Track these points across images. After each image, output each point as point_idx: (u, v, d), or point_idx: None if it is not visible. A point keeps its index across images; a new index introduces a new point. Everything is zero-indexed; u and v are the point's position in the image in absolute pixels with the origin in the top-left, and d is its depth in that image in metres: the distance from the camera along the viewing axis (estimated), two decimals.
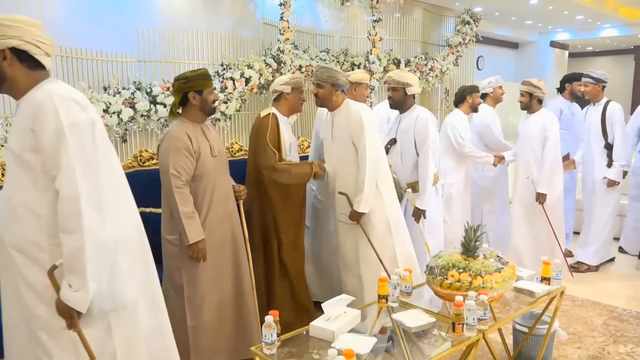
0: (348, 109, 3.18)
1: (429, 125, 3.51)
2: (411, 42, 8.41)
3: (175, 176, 2.61)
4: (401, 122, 3.65)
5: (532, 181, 4.23)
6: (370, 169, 3.03)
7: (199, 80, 2.73)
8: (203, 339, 2.74)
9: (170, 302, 2.77)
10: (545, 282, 2.66)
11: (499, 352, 3.02)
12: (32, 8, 4.72)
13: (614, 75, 18.13)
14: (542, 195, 4.17)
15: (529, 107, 4.30)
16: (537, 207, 4.23)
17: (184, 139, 2.66)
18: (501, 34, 11.88)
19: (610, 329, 3.52)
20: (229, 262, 2.85)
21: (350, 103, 3.22)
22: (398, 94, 3.55)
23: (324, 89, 3.17)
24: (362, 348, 1.97)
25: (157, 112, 5.11)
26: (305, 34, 6.94)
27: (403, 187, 3.57)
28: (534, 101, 4.26)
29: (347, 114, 3.16)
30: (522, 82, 4.30)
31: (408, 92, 3.56)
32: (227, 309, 2.83)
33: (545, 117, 4.23)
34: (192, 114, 2.77)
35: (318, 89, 3.19)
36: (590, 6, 9.90)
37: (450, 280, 2.36)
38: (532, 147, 4.26)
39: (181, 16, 5.83)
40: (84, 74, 4.96)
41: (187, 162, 2.65)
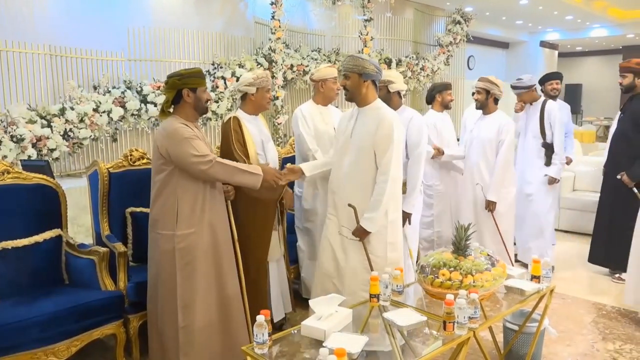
0: (379, 115, 2.86)
1: (423, 128, 3.41)
2: (402, 41, 8.43)
3: (201, 155, 2.59)
4: None
5: (482, 188, 3.92)
6: (391, 189, 2.79)
7: (193, 78, 2.71)
8: (194, 340, 2.72)
9: (161, 300, 2.75)
10: (535, 280, 2.68)
11: (490, 350, 3.03)
12: (22, 6, 4.68)
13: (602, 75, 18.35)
14: (491, 203, 3.85)
15: (484, 106, 3.97)
16: (486, 216, 3.91)
17: (188, 129, 2.65)
18: (492, 33, 11.95)
19: (600, 327, 3.55)
20: (221, 263, 2.84)
21: (383, 108, 2.91)
22: (380, 93, 3.24)
23: (351, 80, 2.84)
24: (353, 347, 1.97)
25: (147, 112, 5.09)
26: (297, 33, 6.94)
27: None
28: (490, 100, 3.94)
29: (377, 119, 2.84)
30: (479, 79, 3.99)
31: (391, 90, 3.42)
32: (219, 308, 2.81)
33: (502, 120, 3.91)
34: (184, 112, 2.73)
35: (345, 81, 2.87)
36: (580, 6, 9.98)
37: (441, 279, 2.37)
38: (484, 150, 3.94)
39: (172, 15, 5.80)
40: (74, 73, 4.93)
41: (201, 143, 2.65)
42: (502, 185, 3.87)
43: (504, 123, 3.89)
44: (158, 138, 2.67)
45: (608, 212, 4.38)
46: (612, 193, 4.34)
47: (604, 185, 4.52)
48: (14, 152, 4.16)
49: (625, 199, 4.14)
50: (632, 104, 4.29)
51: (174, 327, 2.70)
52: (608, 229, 4.37)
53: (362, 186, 2.86)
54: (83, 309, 2.73)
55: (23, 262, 2.94)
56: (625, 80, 4.26)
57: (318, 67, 3.72)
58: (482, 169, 3.96)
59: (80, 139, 4.67)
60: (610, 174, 4.34)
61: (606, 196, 4.44)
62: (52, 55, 4.77)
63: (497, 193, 3.86)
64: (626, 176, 4.12)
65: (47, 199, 3.12)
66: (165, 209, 2.69)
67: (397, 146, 2.81)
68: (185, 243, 2.67)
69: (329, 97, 3.65)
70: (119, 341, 2.91)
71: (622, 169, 4.14)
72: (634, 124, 4.18)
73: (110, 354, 3.03)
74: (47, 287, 2.96)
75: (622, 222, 4.20)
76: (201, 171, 2.61)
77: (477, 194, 3.97)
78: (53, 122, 4.44)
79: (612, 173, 4.27)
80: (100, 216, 3.25)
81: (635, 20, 11.74)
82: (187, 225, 2.67)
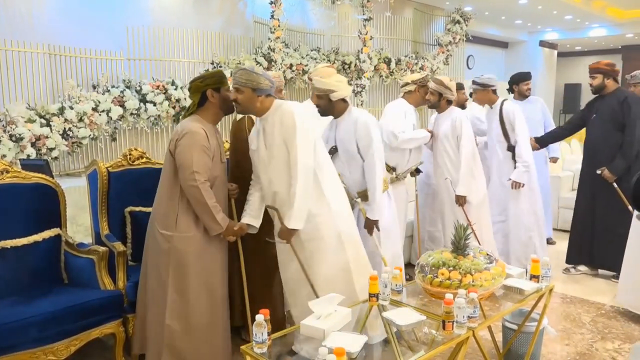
0: (280, 112, 2.73)
1: (371, 128, 3.15)
2: (402, 41, 8.43)
3: (198, 173, 2.60)
4: (338, 128, 3.25)
5: (451, 182, 3.91)
6: (303, 177, 2.62)
7: (215, 78, 2.74)
8: (178, 338, 2.71)
9: (150, 293, 2.76)
10: (534, 279, 2.68)
11: (489, 350, 3.03)
12: (20, 5, 4.67)
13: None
14: (461, 197, 3.84)
15: (436, 106, 4.01)
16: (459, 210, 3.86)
17: (204, 135, 2.66)
18: (491, 33, 11.95)
19: (598, 326, 3.55)
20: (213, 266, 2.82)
21: (282, 105, 2.76)
22: (322, 101, 3.16)
23: (244, 95, 2.69)
24: (352, 346, 1.97)
25: (146, 111, 5.09)
26: (296, 33, 6.93)
27: (354, 196, 3.24)
28: (442, 101, 3.94)
29: (279, 115, 2.71)
30: (433, 79, 3.95)
31: (332, 99, 3.14)
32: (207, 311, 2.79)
33: (454, 115, 3.90)
34: (209, 113, 2.76)
35: (237, 94, 2.71)
36: (579, 6, 9.98)
37: (441, 279, 2.37)
38: (444, 147, 3.95)
39: (171, 15, 5.80)
40: (73, 72, 4.92)
41: (207, 160, 2.66)
42: (472, 178, 3.87)
43: (454, 117, 3.89)
44: (175, 135, 2.69)
45: (589, 213, 4.36)
46: (592, 193, 4.33)
47: (581, 186, 4.50)
48: (13, 151, 4.15)
49: (606, 197, 4.19)
50: (603, 105, 4.27)
51: (160, 323, 2.70)
52: (590, 229, 4.35)
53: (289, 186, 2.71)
54: (82, 308, 2.73)
55: (22, 262, 2.94)
56: (595, 82, 4.28)
57: (317, 66, 3.71)
58: (448, 165, 3.95)
59: (79, 138, 4.66)
60: (589, 175, 4.32)
61: (585, 197, 4.42)
62: (51, 55, 4.76)
63: (466, 187, 3.84)
64: (607, 171, 4.13)
65: (46, 199, 3.11)
66: (166, 208, 2.70)
67: (302, 131, 2.64)
68: (182, 245, 2.68)
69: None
70: (118, 340, 2.91)
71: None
72: (610, 122, 4.19)
73: (110, 353, 3.03)
74: (47, 287, 2.96)
75: (605, 221, 4.25)
76: (186, 180, 2.62)
77: (450, 190, 3.94)
78: (52, 121, 4.44)
79: (593, 172, 4.25)
80: (100, 215, 3.25)
81: (634, 20, 11.74)
82: (186, 228, 2.68)
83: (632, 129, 4.10)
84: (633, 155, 4.10)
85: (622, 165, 4.11)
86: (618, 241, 4.13)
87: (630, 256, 3.69)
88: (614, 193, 4.13)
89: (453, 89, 3.92)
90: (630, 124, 4.11)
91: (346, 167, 3.25)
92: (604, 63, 4.28)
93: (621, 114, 4.15)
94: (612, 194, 4.14)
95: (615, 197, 4.11)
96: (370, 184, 3.14)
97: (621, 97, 4.18)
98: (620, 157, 4.12)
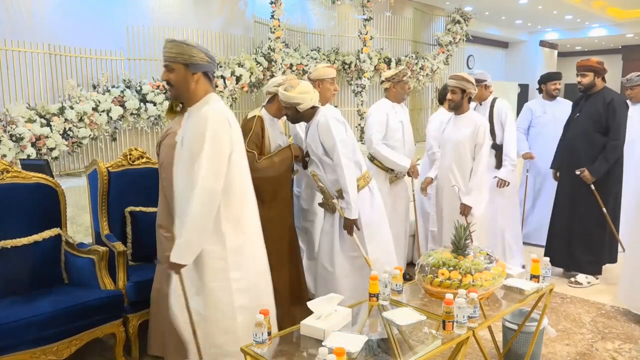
0: (200, 112, 2.22)
1: (332, 128, 3.01)
2: (402, 41, 8.43)
3: None
4: (308, 131, 3.19)
5: (458, 190, 3.68)
6: (201, 204, 2.11)
7: None
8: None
9: (164, 300, 2.75)
10: (535, 279, 2.68)
11: (489, 350, 3.03)
12: (21, 5, 4.67)
13: None
14: (467, 207, 3.63)
15: (459, 106, 3.69)
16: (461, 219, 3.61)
17: None
18: (491, 33, 11.96)
19: (599, 326, 3.55)
20: None
21: (210, 101, 2.26)
22: (290, 111, 3.08)
23: (175, 73, 2.22)
24: (353, 346, 1.97)
25: (147, 111, 5.09)
26: (296, 33, 6.94)
27: (333, 195, 3.13)
28: (465, 99, 3.67)
29: (196, 117, 2.22)
30: (451, 77, 3.71)
31: (300, 110, 3.04)
32: None
33: (479, 122, 3.66)
34: None
35: (168, 74, 2.23)
36: (579, 6, 9.98)
37: (441, 278, 2.37)
38: (459, 153, 3.70)
39: (171, 14, 5.80)
40: (73, 72, 4.92)
41: None
42: (480, 190, 3.66)
43: (479, 124, 3.65)
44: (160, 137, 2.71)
45: (568, 213, 4.27)
46: (571, 194, 4.24)
47: (559, 187, 4.41)
48: (13, 151, 4.16)
49: (585, 198, 4.12)
50: (588, 104, 4.19)
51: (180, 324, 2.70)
52: (567, 231, 4.27)
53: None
54: (82, 308, 2.73)
55: (22, 262, 2.94)
56: (585, 80, 4.14)
57: (317, 66, 3.70)
58: (455, 172, 3.73)
59: (79, 138, 4.67)
60: (568, 174, 4.24)
61: (563, 197, 4.32)
62: (52, 55, 4.76)
63: (474, 197, 3.64)
64: (587, 172, 4.06)
65: (46, 198, 3.11)
66: (168, 211, 2.70)
67: (213, 149, 2.11)
68: None
69: (325, 98, 3.62)
70: (119, 340, 2.91)
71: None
72: (593, 122, 4.10)
73: (110, 353, 3.03)
74: (47, 287, 2.96)
75: (583, 222, 4.16)
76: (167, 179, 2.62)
77: (452, 197, 3.74)
78: (52, 121, 4.44)
79: (571, 173, 4.17)
80: (100, 215, 3.25)
81: (634, 20, 11.75)
82: None
83: (617, 132, 4.02)
84: (614, 160, 4.04)
85: (604, 168, 4.03)
86: (595, 244, 4.10)
87: (630, 256, 3.69)
88: (592, 194, 4.06)
89: (474, 82, 3.67)
90: (615, 128, 4.01)
91: (320, 169, 3.15)
92: (594, 61, 4.17)
93: (605, 116, 4.04)
94: (591, 194, 4.07)
95: (593, 199, 4.05)
96: (342, 182, 3.02)
97: (607, 99, 4.06)
98: (602, 160, 4.02)
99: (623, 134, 4.06)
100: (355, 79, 7.31)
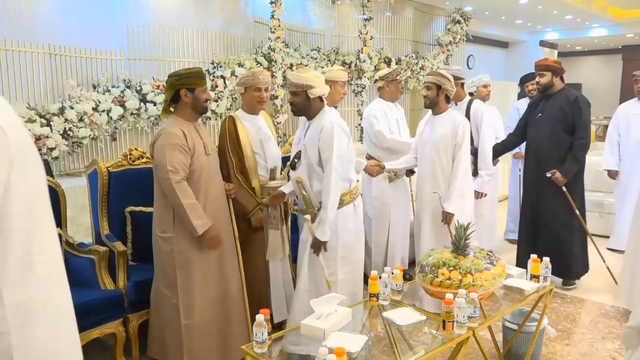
0: None
1: (335, 139, 2.79)
2: (402, 40, 8.43)
3: (173, 172, 2.59)
4: (308, 131, 2.96)
5: (440, 197, 3.37)
6: None
7: (191, 78, 2.73)
8: (196, 337, 2.74)
9: (162, 300, 2.76)
10: (535, 279, 2.68)
11: (489, 350, 3.04)
12: (20, 5, 4.67)
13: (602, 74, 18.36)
14: (449, 215, 3.31)
15: (434, 104, 3.42)
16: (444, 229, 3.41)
17: (178, 134, 2.66)
18: (491, 33, 11.95)
19: (599, 326, 3.55)
20: (221, 261, 2.85)
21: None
22: (298, 98, 2.85)
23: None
24: (353, 346, 1.97)
25: (147, 111, 5.08)
26: (296, 33, 6.93)
27: (315, 205, 2.93)
28: (441, 97, 3.40)
29: None
30: (428, 73, 3.48)
31: (311, 96, 2.83)
32: (220, 307, 2.83)
33: (457, 119, 3.39)
34: (184, 112, 2.77)
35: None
36: (579, 6, 9.98)
37: (441, 278, 2.37)
38: (438, 155, 3.42)
39: (171, 14, 5.79)
40: (73, 72, 4.92)
41: (183, 157, 2.64)
42: (462, 196, 3.36)
43: (458, 122, 3.37)
44: (153, 138, 2.73)
45: (535, 217, 4.15)
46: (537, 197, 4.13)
47: (526, 190, 4.29)
48: None
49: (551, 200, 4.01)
50: (549, 104, 4.09)
51: (176, 326, 2.71)
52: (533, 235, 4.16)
53: None
54: (82, 308, 2.73)
55: None
56: (543, 79, 4.07)
57: (319, 66, 3.73)
58: (439, 178, 3.44)
59: (79, 138, 4.66)
60: (534, 176, 4.12)
61: (531, 200, 4.21)
62: (51, 54, 4.76)
63: (457, 204, 3.33)
64: (558, 174, 3.93)
65: None
66: (163, 211, 2.71)
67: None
68: (184, 245, 2.69)
69: (334, 100, 3.64)
70: (119, 340, 2.91)
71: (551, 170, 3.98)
72: (559, 122, 4.00)
73: (110, 353, 3.03)
74: None
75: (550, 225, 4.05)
76: (162, 179, 2.63)
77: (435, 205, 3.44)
78: (52, 121, 4.44)
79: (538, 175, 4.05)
80: (100, 215, 3.25)
81: (634, 20, 11.74)
82: (184, 227, 2.68)
83: (585, 131, 3.94)
84: (583, 159, 3.96)
85: (575, 168, 3.94)
86: (564, 246, 4.02)
87: (630, 256, 3.67)
88: (559, 196, 3.97)
89: (452, 80, 3.42)
90: (582, 127, 3.94)
91: (306, 175, 2.94)
92: (552, 60, 4.10)
93: (571, 114, 3.96)
94: (557, 197, 3.98)
95: (560, 201, 3.96)
96: (324, 199, 2.79)
97: (571, 97, 3.99)
98: (572, 160, 3.93)
99: (589, 132, 3.98)
100: (355, 79, 7.31)
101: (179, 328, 2.71)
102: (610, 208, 5.55)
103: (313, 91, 2.81)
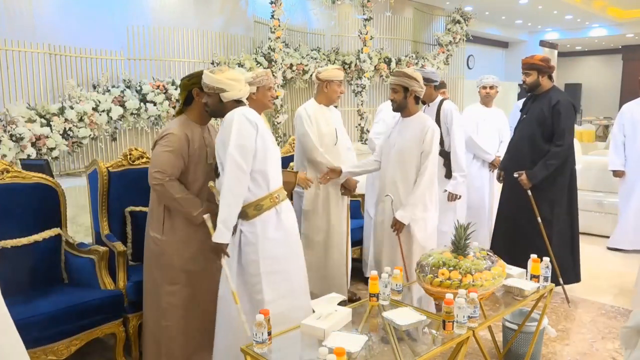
0: None
1: (234, 127, 2.41)
2: (402, 40, 8.44)
3: (160, 172, 2.60)
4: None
5: (392, 201, 3.12)
6: None
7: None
8: (176, 339, 2.71)
9: (149, 299, 2.76)
10: (535, 279, 2.68)
11: (489, 350, 3.04)
12: (21, 5, 4.67)
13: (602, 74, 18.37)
14: (398, 223, 3.04)
15: (403, 106, 3.15)
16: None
17: (180, 138, 2.65)
18: (491, 33, 11.96)
19: (599, 326, 3.55)
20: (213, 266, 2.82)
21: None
22: (211, 99, 2.52)
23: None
24: (353, 346, 1.97)
25: (147, 111, 5.09)
26: (296, 33, 6.94)
27: None
28: (409, 99, 3.12)
29: None
30: (393, 72, 3.21)
31: (223, 100, 2.47)
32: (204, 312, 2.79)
33: (427, 124, 3.12)
34: (194, 113, 2.76)
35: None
36: (579, 6, 9.99)
37: (441, 278, 2.37)
38: (402, 160, 3.15)
39: (171, 14, 5.80)
40: (73, 72, 4.92)
41: (177, 162, 2.64)
42: (422, 207, 3.09)
43: (427, 127, 3.09)
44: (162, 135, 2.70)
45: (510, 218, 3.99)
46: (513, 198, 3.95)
47: (503, 191, 4.14)
48: (14, 151, 4.15)
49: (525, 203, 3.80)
50: (534, 105, 3.92)
51: (158, 326, 2.71)
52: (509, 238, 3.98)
53: None
54: (82, 308, 2.73)
55: (22, 262, 2.94)
56: (529, 79, 3.84)
57: (319, 65, 3.71)
58: (397, 183, 3.16)
59: (79, 138, 4.67)
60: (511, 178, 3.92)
61: (507, 202, 4.06)
62: (52, 54, 4.76)
63: (411, 214, 3.04)
64: (525, 177, 3.74)
65: (46, 198, 3.11)
66: (156, 212, 2.71)
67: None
68: (170, 249, 2.67)
69: (330, 99, 3.64)
70: (119, 340, 2.91)
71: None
72: (538, 125, 3.81)
73: (110, 353, 3.03)
74: (47, 286, 2.96)
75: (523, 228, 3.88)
76: (150, 180, 2.63)
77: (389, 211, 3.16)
78: (52, 121, 4.44)
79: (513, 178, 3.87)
80: (100, 215, 3.25)
81: (634, 20, 11.75)
82: (173, 232, 2.67)
83: (562, 139, 3.71)
84: (555, 166, 3.74)
85: (543, 174, 3.71)
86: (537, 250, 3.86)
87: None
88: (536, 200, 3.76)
89: (420, 81, 3.12)
90: (560, 133, 3.71)
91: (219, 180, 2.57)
92: (538, 58, 3.84)
93: (550, 119, 3.75)
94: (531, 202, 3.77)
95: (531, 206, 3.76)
96: (220, 194, 2.43)
97: (553, 100, 3.76)
98: (542, 166, 3.72)
99: (568, 139, 3.74)
100: (356, 79, 7.31)
101: (161, 329, 2.70)
102: (611, 208, 5.55)
103: (226, 95, 2.47)
